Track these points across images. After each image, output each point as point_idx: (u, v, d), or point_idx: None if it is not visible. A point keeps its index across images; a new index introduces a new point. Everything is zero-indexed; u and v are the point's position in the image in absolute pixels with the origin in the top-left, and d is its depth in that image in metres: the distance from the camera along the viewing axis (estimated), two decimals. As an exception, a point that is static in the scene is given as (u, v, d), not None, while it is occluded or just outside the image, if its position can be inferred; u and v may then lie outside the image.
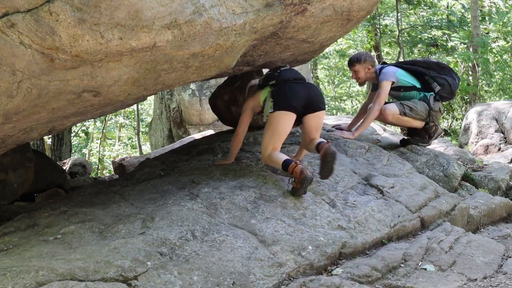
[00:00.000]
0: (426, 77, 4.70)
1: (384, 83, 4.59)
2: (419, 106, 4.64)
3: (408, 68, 4.76)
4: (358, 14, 3.55)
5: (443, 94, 4.74)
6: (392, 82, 4.62)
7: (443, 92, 4.72)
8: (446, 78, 4.70)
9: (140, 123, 16.61)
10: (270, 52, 3.71)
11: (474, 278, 2.70)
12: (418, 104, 4.64)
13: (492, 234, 3.66)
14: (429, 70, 4.71)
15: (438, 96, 4.72)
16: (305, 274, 2.64)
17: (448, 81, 4.70)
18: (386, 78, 4.61)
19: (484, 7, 13.92)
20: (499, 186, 4.53)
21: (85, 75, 2.39)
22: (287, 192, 3.35)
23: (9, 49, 2.07)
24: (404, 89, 4.71)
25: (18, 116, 2.47)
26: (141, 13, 2.21)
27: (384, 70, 4.69)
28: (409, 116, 4.61)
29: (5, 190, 3.87)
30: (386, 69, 4.70)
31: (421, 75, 4.72)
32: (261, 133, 4.73)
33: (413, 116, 4.63)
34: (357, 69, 4.71)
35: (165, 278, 2.27)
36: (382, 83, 4.60)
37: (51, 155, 10.17)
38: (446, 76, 4.71)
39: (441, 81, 4.68)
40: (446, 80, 4.69)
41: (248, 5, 2.70)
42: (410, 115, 4.61)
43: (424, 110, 4.65)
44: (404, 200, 3.55)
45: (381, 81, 4.62)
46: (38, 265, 2.19)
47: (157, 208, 3.05)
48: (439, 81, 4.68)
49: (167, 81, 2.91)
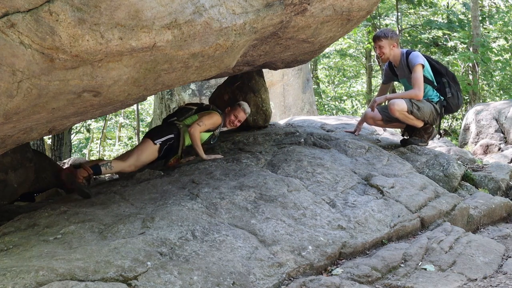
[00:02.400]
0: (443, 80, 4.74)
1: (417, 66, 4.57)
2: (426, 108, 4.65)
3: (432, 64, 4.79)
4: (358, 14, 3.55)
5: (450, 103, 4.78)
6: (423, 65, 4.61)
7: (451, 101, 4.76)
8: (457, 90, 4.79)
9: (140, 123, 16.60)
10: (270, 52, 3.71)
11: (474, 278, 2.70)
12: (425, 105, 4.65)
13: (492, 234, 3.65)
14: (447, 76, 4.77)
15: (445, 102, 4.76)
16: (305, 274, 2.64)
17: (458, 94, 4.77)
18: (418, 60, 4.59)
19: (484, 7, 13.92)
20: (499, 186, 4.53)
21: (85, 75, 2.39)
22: (287, 192, 3.35)
23: (9, 49, 2.07)
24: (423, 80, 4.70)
25: (18, 116, 2.47)
26: (141, 13, 2.21)
27: (414, 53, 4.67)
28: (414, 115, 4.61)
29: (5, 190, 3.87)
30: (415, 53, 4.69)
31: (440, 76, 4.75)
32: (261, 133, 4.75)
33: (417, 116, 4.63)
34: (383, 45, 4.66)
35: (165, 278, 2.27)
36: (415, 66, 4.57)
37: (51, 155, 10.17)
38: (457, 89, 4.80)
39: (453, 91, 4.75)
40: (457, 92, 4.77)
41: (248, 5, 2.70)
42: (416, 114, 4.61)
43: (429, 112, 4.66)
44: (404, 200, 3.55)
45: (414, 64, 4.58)
46: (38, 265, 2.19)
47: (157, 208, 3.05)
48: (452, 90, 4.74)
49: (167, 81, 2.91)
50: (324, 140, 4.58)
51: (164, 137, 4.25)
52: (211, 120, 4.31)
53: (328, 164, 3.93)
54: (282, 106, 9.05)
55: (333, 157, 4.15)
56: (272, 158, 4.09)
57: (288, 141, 4.49)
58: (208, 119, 4.29)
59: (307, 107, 9.36)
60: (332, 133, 5.02)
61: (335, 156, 4.19)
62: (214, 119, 4.34)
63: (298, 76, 9.22)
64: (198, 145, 4.14)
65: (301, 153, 4.10)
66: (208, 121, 4.27)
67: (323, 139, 4.62)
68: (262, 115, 4.99)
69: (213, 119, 4.32)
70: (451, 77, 4.82)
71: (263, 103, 4.94)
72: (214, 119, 4.34)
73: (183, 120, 4.40)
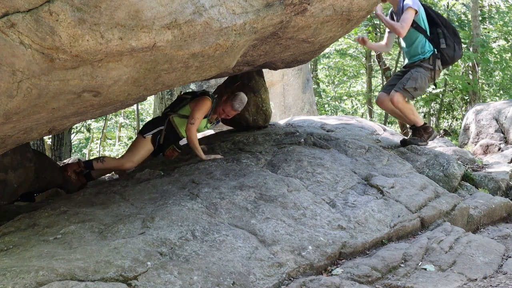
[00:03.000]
0: (438, 31, 4.76)
1: (409, 9, 4.61)
2: (420, 81, 4.72)
3: (429, 13, 4.82)
4: (358, 14, 3.55)
5: (445, 54, 4.79)
6: (416, 11, 4.64)
7: (446, 52, 4.78)
8: (454, 43, 4.79)
9: (140, 123, 16.59)
10: (270, 52, 3.71)
11: (474, 278, 2.70)
12: (419, 78, 4.71)
13: (492, 234, 3.66)
14: (445, 28, 4.78)
15: (439, 53, 4.78)
16: (305, 274, 2.64)
17: (454, 46, 4.78)
18: (411, 5, 4.62)
19: (484, 7, 13.91)
20: (499, 186, 4.53)
21: (85, 75, 2.38)
22: (287, 192, 3.35)
23: (9, 49, 2.07)
24: (415, 26, 4.73)
25: (18, 116, 2.47)
26: (141, 13, 2.21)
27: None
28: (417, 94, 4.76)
29: (5, 190, 3.87)
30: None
31: (435, 27, 4.78)
32: (261, 133, 4.74)
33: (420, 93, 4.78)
34: None
35: (165, 278, 2.27)
36: (407, 9, 4.62)
37: (51, 155, 10.16)
38: (455, 42, 4.81)
39: (449, 42, 4.76)
40: (454, 44, 4.78)
41: (248, 5, 2.70)
42: (418, 94, 4.77)
43: (425, 81, 4.74)
44: (404, 200, 3.56)
45: (406, 6, 4.63)
46: (38, 265, 2.19)
47: (157, 208, 3.05)
48: (447, 41, 4.76)
49: (167, 81, 2.91)
50: (324, 140, 4.58)
51: (153, 130, 4.34)
52: (201, 110, 4.22)
53: (328, 164, 3.93)
54: (282, 106, 9.05)
55: (333, 157, 4.15)
56: (272, 158, 4.09)
57: (288, 141, 4.49)
58: (198, 111, 4.20)
59: (307, 107, 9.36)
60: (332, 133, 5.02)
61: (335, 156, 4.19)
62: (203, 105, 4.24)
63: (298, 76, 9.21)
64: (196, 146, 4.11)
65: (301, 153, 4.10)
66: (198, 113, 4.20)
67: (323, 139, 4.62)
68: (262, 115, 4.99)
69: (202, 106, 4.23)
70: (450, 29, 4.83)
71: (263, 103, 4.94)
72: (203, 106, 4.24)
73: (178, 111, 4.39)
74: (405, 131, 11.16)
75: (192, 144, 4.12)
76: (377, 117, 16.18)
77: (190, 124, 4.16)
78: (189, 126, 4.16)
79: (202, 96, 4.34)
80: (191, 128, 4.14)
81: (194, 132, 4.15)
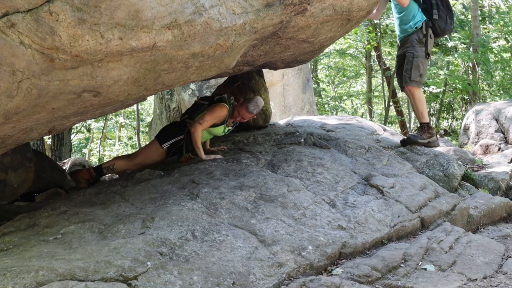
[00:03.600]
0: (432, 1, 4.81)
1: None
2: (421, 65, 4.81)
3: None
4: (358, 14, 3.55)
5: (436, 25, 4.85)
6: None
7: (437, 23, 4.83)
8: (447, 15, 4.85)
9: (140, 123, 16.59)
10: (270, 52, 3.71)
11: (474, 278, 2.70)
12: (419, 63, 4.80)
13: (492, 234, 3.66)
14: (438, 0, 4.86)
15: (430, 23, 4.82)
16: (305, 274, 2.64)
17: (447, 19, 4.84)
18: None
19: (484, 7, 13.91)
20: (499, 186, 4.53)
21: (85, 75, 2.38)
22: (287, 192, 3.35)
23: (9, 49, 2.07)
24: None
25: (18, 116, 2.47)
26: (141, 13, 2.21)
27: None
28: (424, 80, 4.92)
29: (5, 190, 3.87)
30: None
31: None
32: (261, 133, 4.74)
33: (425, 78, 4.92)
34: None
35: (165, 278, 2.27)
36: None
37: (51, 155, 10.15)
38: (448, 15, 4.87)
39: (441, 14, 4.82)
40: (447, 17, 4.84)
41: (248, 5, 2.70)
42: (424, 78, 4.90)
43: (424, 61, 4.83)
44: (404, 200, 3.56)
45: None
46: (38, 265, 2.19)
47: (157, 208, 3.05)
48: (440, 13, 4.81)
49: (167, 81, 2.91)
50: (324, 140, 4.58)
51: (172, 140, 4.31)
52: (214, 114, 4.17)
53: (328, 164, 3.93)
54: (282, 106, 9.05)
55: (333, 157, 4.15)
56: (272, 158, 4.09)
57: (288, 141, 4.50)
58: (210, 115, 4.16)
59: (307, 107, 9.36)
60: (332, 133, 5.02)
61: (335, 156, 4.19)
62: (218, 112, 4.19)
63: (298, 76, 9.21)
64: (198, 146, 4.09)
65: (301, 153, 4.10)
66: (210, 116, 4.15)
67: (323, 139, 4.62)
68: (262, 115, 4.99)
69: (216, 113, 4.18)
70: (444, 1, 4.88)
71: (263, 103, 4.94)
72: (218, 113, 4.19)
73: (195, 117, 4.31)
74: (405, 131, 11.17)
75: (195, 143, 4.10)
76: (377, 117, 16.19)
77: (198, 124, 4.12)
78: (196, 125, 4.12)
79: (219, 102, 4.27)
80: (197, 128, 4.10)
81: (199, 132, 4.11)
